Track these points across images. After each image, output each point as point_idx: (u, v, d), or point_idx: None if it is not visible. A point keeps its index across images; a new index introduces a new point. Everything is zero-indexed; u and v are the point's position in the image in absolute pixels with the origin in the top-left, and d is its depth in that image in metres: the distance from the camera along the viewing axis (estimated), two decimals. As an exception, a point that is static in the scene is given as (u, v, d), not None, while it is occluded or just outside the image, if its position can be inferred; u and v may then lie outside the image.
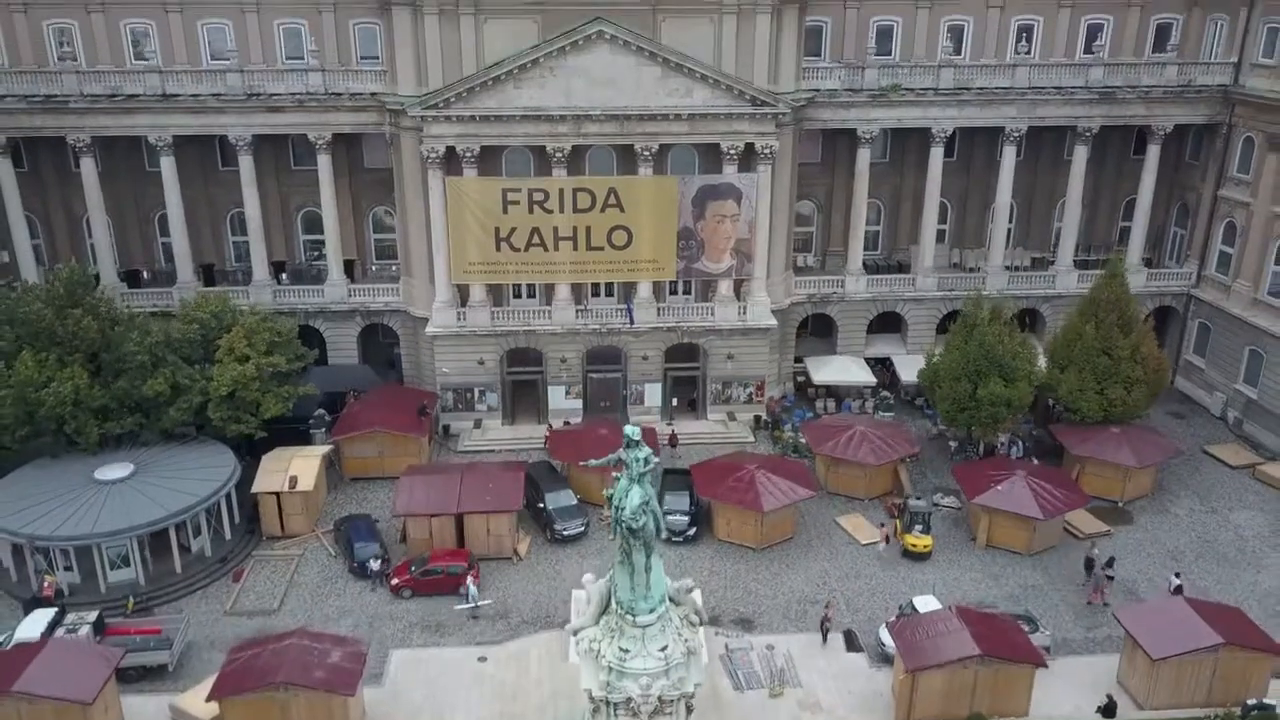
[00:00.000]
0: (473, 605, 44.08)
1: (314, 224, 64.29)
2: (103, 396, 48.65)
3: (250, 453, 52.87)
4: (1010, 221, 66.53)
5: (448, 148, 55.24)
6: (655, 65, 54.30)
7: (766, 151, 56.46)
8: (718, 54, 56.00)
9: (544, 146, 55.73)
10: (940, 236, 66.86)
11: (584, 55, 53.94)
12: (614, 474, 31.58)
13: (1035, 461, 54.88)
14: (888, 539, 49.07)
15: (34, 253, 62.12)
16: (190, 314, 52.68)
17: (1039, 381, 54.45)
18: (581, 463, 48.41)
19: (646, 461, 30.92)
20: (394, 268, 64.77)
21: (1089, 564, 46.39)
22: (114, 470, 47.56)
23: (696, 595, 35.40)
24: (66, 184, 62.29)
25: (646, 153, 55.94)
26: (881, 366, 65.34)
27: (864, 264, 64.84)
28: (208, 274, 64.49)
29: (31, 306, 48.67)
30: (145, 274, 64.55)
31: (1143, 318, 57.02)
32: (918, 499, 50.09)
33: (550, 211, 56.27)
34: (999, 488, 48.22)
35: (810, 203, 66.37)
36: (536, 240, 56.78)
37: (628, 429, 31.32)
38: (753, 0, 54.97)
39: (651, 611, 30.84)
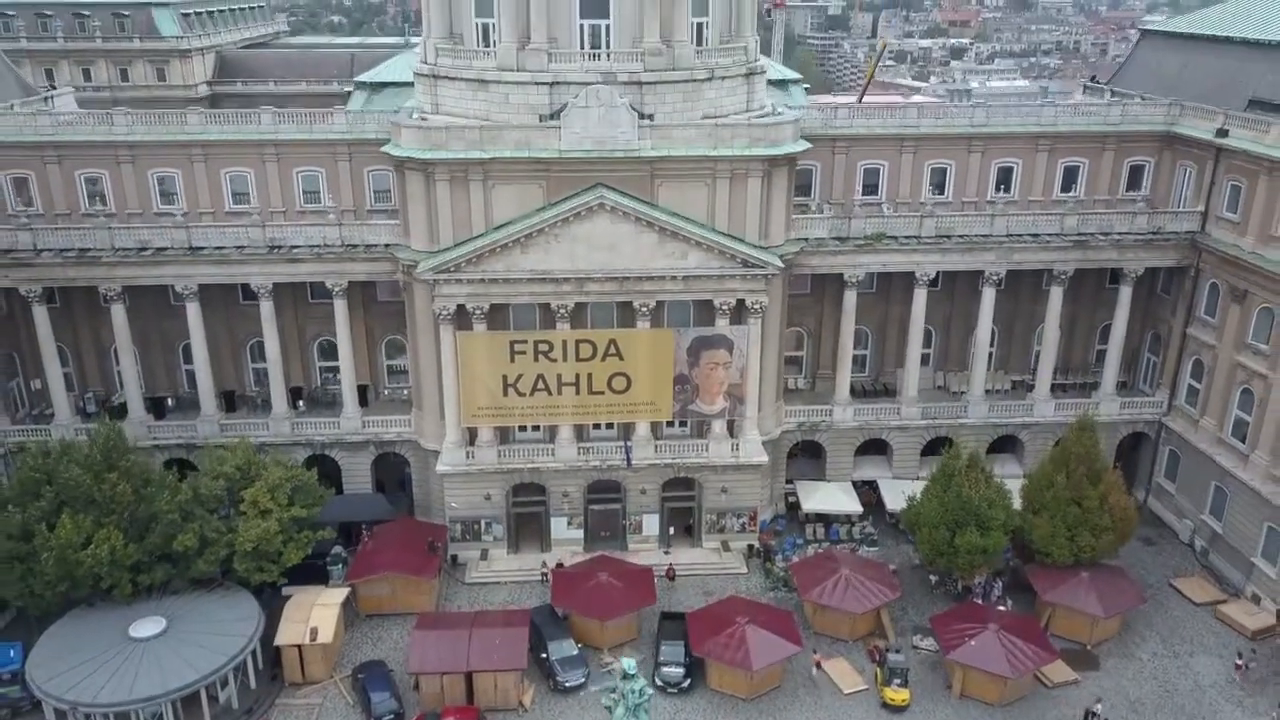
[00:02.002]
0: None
1: (329, 351, 67.83)
2: (136, 553, 52.12)
3: (271, 586, 56.31)
4: (992, 346, 69.91)
5: (458, 305, 58.68)
6: (653, 232, 57.78)
7: (757, 306, 59.90)
8: (712, 212, 59.43)
9: (549, 303, 59.17)
10: (925, 359, 70.32)
11: (586, 223, 57.44)
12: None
13: (1009, 604, 58.32)
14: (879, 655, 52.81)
15: (64, 380, 65.61)
16: (216, 469, 56.06)
17: (1014, 526, 57.81)
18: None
19: (642, 693, 34.34)
20: (405, 392, 68.26)
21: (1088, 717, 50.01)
22: (147, 626, 51.04)
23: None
24: (95, 317, 65.81)
25: (644, 308, 59.40)
26: (869, 488, 68.76)
27: (852, 387, 68.30)
28: (229, 400, 68.07)
29: (70, 472, 52.08)
30: (170, 401, 68.02)
31: (1111, 466, 60.35)
32: (896, 651, 53.61)
33: (554, 360, 59.79)
34: (972, 643, 51.65)
35: (800, 329, 69.73)
36: (541, 386, 60.29)
37: (625, 662, 34.70)
38: (744, 165, 58.39)
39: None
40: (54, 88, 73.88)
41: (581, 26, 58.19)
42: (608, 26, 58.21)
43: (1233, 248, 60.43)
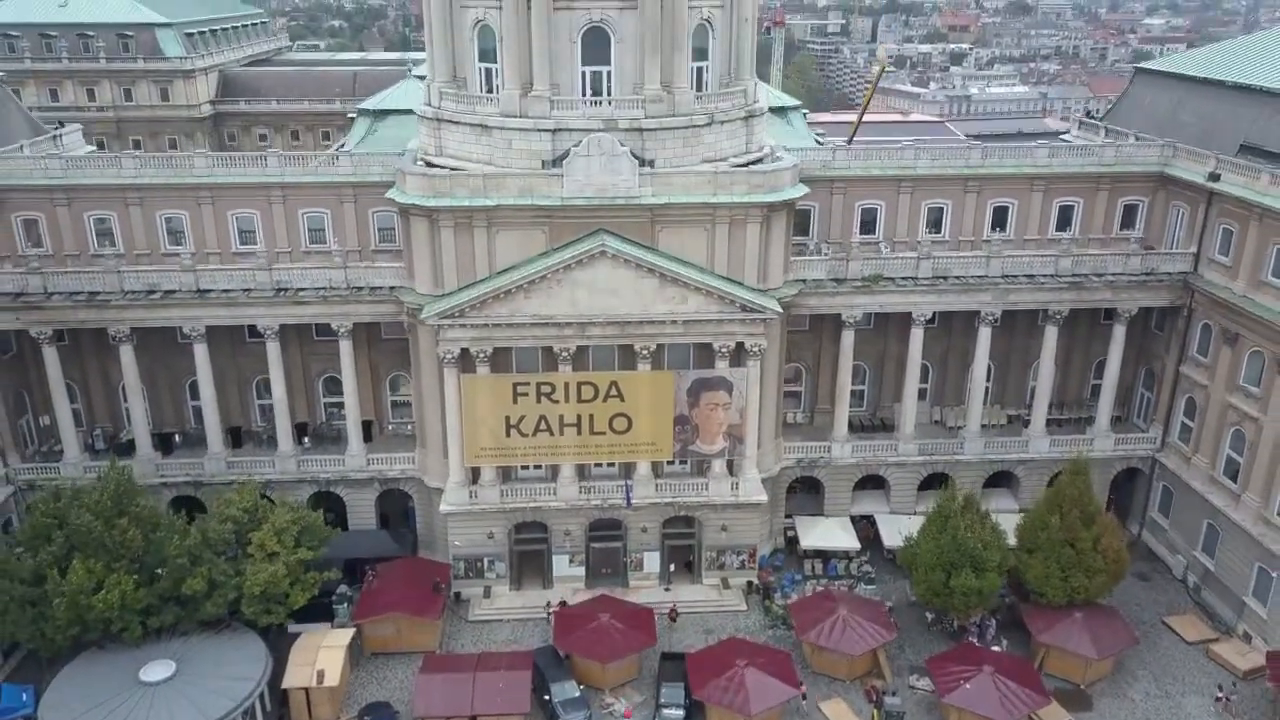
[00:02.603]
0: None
1: (334, 386, 68.78)
2: (146, 597, 53.12)
3: (278, 625, 57.29)
4: (988, 381, 70.79)
5: (462, 349, 59.64)
6: (653, 277, 58.73)
7: (756, 349, 60.85)
8: (711, 255, 60.39)
9: (551, 346, 60.14)
10: (922, 394, 71.23)
11: (588, 269, 58.39)
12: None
13: (1004, 644, 59.35)
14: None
15: (73, 416, 66.54)
16: (224, 512, 57.02)
17: (1009, 566, 58.77)
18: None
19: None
20: (409, 426, 69.24)
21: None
22: (157, 670, 52.05)
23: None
24: (104, 355, 66.69)
25: (645, 351, 60.35)
26: (866, 522, 69.74)
27: (850, 422, 69.28)
28: (235, 435, 69.02)
29: (82, 518, 53.04)
30: (177, 437, 68.96)
31: (1104, 508, 61.37)
32: (893, 694, 54.58)
33: (556, 402, 60.76)
34: (967, 686, 52.65)
35: (799, 365, 70.67)
36: (544, 427, 61.25)
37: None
38: (743, 211, 59.36)
39: None
40: (61, 125, 74.43)
41: (583, 73, 59.11)
42: (609, 73, 59.15)
43: (1224, 290, 61.37)
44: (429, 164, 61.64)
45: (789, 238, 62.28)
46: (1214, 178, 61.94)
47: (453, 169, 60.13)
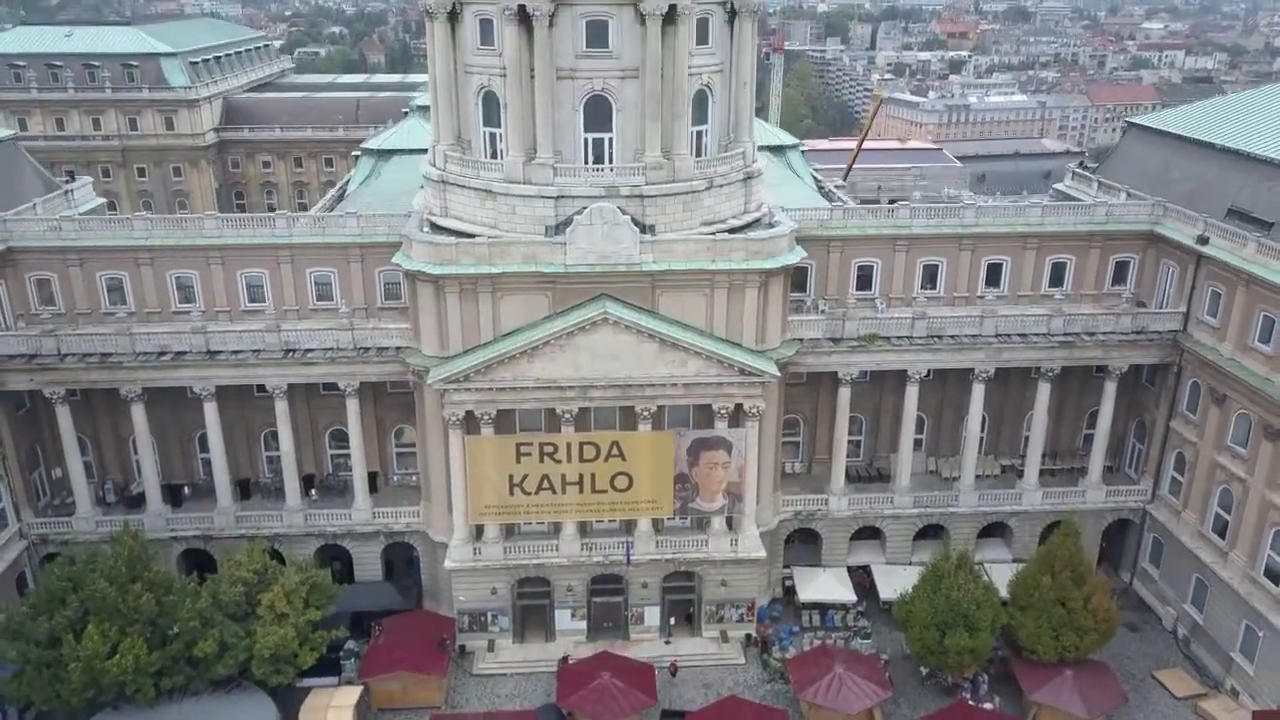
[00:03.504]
0: None
1: (340, 438, 70.11)
2: (159, 660, 54.49)
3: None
4: (982, 431, 72.05)
5: (467, 411, 60.99)
6: (654, 342, 60.08)
7: (754, 410, 62.18)
8: (710, 318, 61.78)
9: (554, 408, 61.48)
10: (918, 444, 72.60)
11: (590, 335, 59.76)
12: None
13: (997, 701, 60.78)
14: None
15: (84, 468, 67.89)
16: (234, 574, 58.39)
17: (1002, 623, 60.18)
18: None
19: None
20: (414, 477, 70.60)
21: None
22: (170, 734, 53.44)
23: None
24: (115, 410, 67.91)
25: (646, 412, 61.69)
26: (863, 571, 71.12)
27: (847, 472, 70.67)
28: (244, 487, 70.41)
29: (96, 584, 54.38)
30: (187, 489, 70.29)
31: (1095, 566, 62.74)
32: (888, 754, 56.02)
33: (559, 461, 62.14)
34: (960, 748, 54.02)
35: (797, 416, 71.98)
36: (546, 485, 62.64)
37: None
38: (742, 276, 60.71)
39: None
40: (72, 178, 75.81)
41: (586, 140, 60.52)
42: (610, 140, 60.58)
43: (1212, 352, 62.68)
44: (434, 225, 63.13)
45: (786, 300, 63.61)
46: (1202, 241, 63.26)
47: (458, 232, 61.57)
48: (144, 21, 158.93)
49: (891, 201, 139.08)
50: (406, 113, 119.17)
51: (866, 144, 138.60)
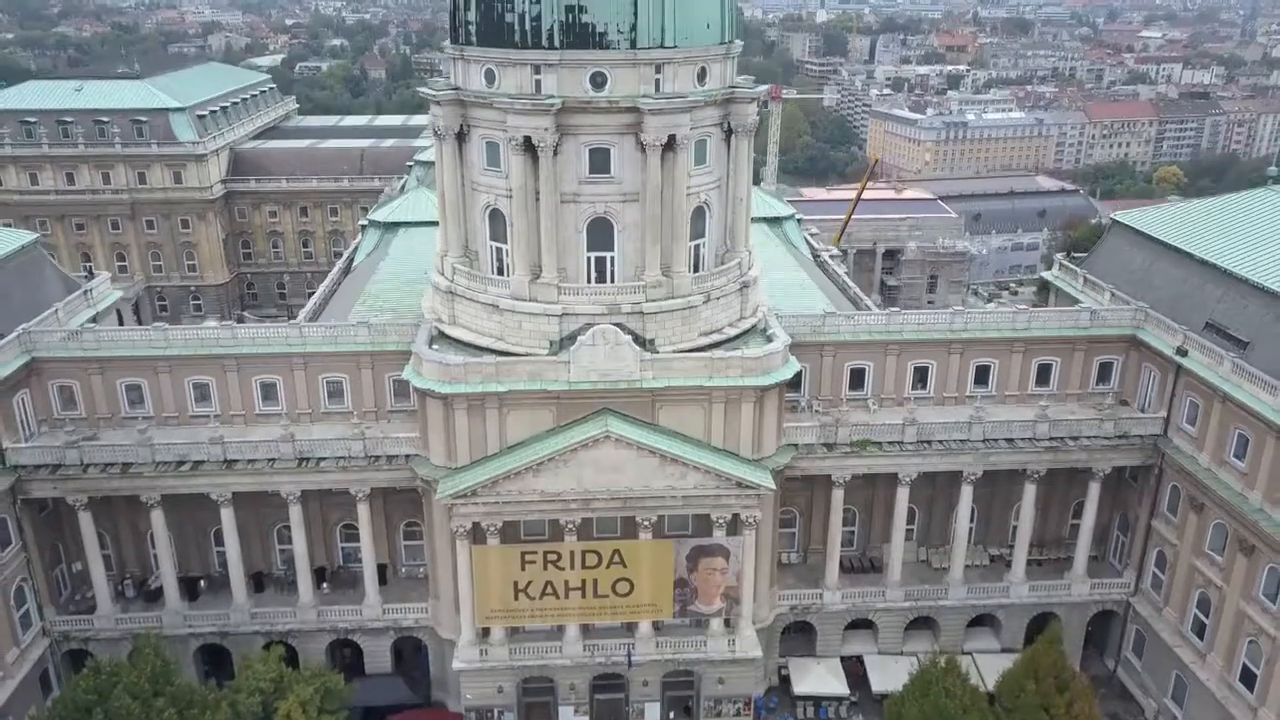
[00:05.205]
0: None
1: (351, 531, 72.58)
2: (182, 773, 57.11)
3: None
4: (971, 521, 74.54)
5: (474, 522, 63.51)
6: (654, 457, 62.55)
7: (750, 520, 64.71)
8: (708, 429, 64.41)
9: (557, 519, 64.03)
10: (909, 534, 75.13)
11: (593, 451, 62.23)
12: None
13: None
14: None
15: (103, 561, 70.38)
16: (251, 684, 60.87)
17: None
18: None
19: None
20: (421, 570, 73.10)
21: None
22: (192, 842, 55.96)
23: None
24: (134, 508, 70.32)
25: (646, 522, 64.22)
26: (856, 661, 73.67)
27: (840, 562, 73.18)
28: (257, 580, 72.90)
29: (121, 699, 56.88)
30: (202, 582, 72.82)
31: (1078, 667, 65.23)
32: None
33: (562, 569, 64.65)
34: None
35: (793, 509, 74.46)
36: (550, 591, 65.17)
37: None
38: (738, 392, 63.23)
39: None
40: (90, 275, 78.21)
41: (589, 259, 63.08)
42: (612, 258, 63.28)
43: (1190, 461, 65.14)
44: (442, 333, 65.69)
45: (782, 410, 66.13)
46: (1181, 353, 65.70)
47: (466, 343, 64.21)
48: (152, 71, 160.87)
49: (888, 252, 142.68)
50: (411, 166, 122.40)
51: (867, 195, 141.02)
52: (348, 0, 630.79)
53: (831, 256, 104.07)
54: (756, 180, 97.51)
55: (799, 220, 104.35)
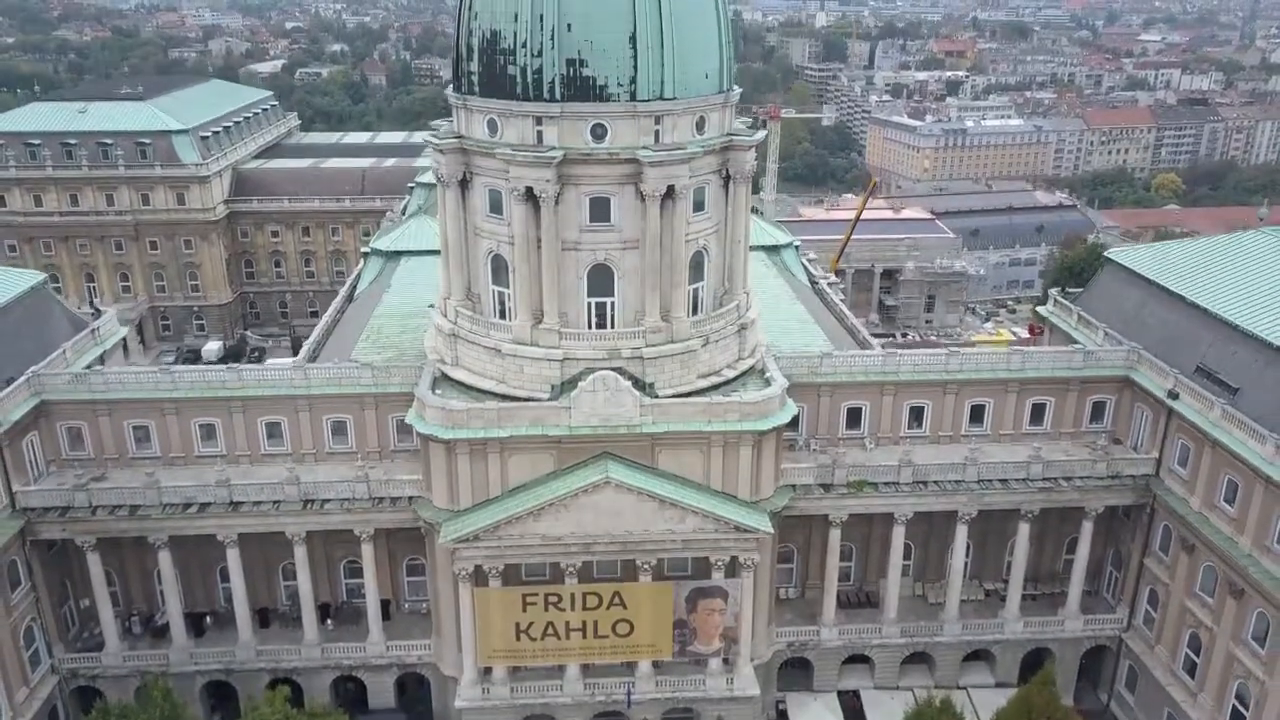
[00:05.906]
0: None
1: (354, 568, 73.61)
2: (190, 812, 58.23)
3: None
4: (967, 557, 75.54)
5: (476, 565, 64.56)
6: (654, 502, 63.58)
7: (749, 562, 65.74)
8: (707, 472, 65.43)
9: (558, 562, 65.08)
10: (905, 570, 76.12)
11: (594, 495, 63.25)
12: None
13: (978, 842, 64.41)
14: None
15: (110, 597, 71.40)
16: (260, 721, 62.05)
17: (982, 765, 63.90)
18: None
19: None
20: (424, 606, 74.12)
21: None
22: None
23: None
24: (141, 546, 71.31)
25: (646, 564, 65.26)
26: (853, 695, 74.74)
27: (837, 597, 74.20)
28: (263, 616, 73.95)
29: (131, 744, 58.11)
30: (208, 618, 73.86)
31: (1067, 717, 66.18)
32: None
33: (563, 610, 65.70)
34: None
35: (790, 545, 75.50)
36: (551, 632, 66.23)
37: None
38: (736, 437, 64.26)
39: None
40: (97, 313, 79.31)
41: (589, 304, 64.09)
42: (613, 304, 64.28)
43: (1181, 503, 66.14)
44: (445, 374, 66.67)
45: (780, 452, 67.13)
46: (1173, 396, 66.67)
47: (468, 385, 65.23)
48: (152, 84, 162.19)
49: (886, 272, 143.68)
50: (412, 187, 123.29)
51: (867, 214, 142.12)
52: (348, 3, 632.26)
53: (830, 284, 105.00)
54: (756, 189, 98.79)
55: (797, 247, 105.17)
